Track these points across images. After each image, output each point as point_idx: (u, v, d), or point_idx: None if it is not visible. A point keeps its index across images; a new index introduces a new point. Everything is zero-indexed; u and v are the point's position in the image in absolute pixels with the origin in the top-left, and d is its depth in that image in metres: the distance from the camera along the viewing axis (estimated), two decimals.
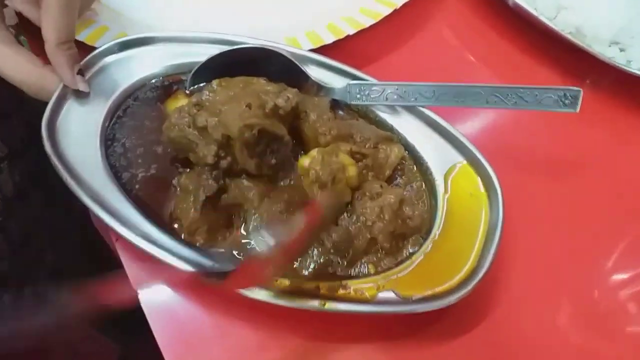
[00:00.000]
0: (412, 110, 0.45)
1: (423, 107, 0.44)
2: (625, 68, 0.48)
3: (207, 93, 0.41)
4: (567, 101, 0.42)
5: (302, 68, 0.45)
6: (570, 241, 0.45)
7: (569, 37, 0.47)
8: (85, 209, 0.39)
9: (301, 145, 0.44)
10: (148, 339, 0.38)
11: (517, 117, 0.50)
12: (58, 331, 0.38)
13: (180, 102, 0.44)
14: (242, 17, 0.53)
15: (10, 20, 0.48)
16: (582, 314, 0.42)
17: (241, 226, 0.40)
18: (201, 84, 0.45)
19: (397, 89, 0.44)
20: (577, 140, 0.50)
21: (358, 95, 0.45)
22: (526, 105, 0.43)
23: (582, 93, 0.42)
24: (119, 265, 0.41)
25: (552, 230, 0.46)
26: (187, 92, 0.45)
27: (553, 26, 0.48)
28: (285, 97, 0.41)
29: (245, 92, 0.40)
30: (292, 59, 0.44)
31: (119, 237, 0.38)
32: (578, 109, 0.42)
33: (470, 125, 0.50)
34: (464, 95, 0.43)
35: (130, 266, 0.41)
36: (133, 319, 0.39)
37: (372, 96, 0.45)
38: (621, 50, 0.50)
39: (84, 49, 0.47)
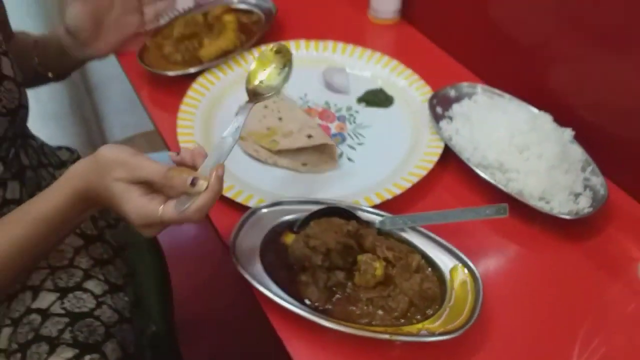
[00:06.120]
0: (423, 234, 0.80)
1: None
2: (550, 212, 0.84)
3: (310, 228, 0.77)
4: (501, 211, 0.78)
5: (357, 215, 0.81)
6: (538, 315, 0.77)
7: (518, 196, 0.84)
8: None
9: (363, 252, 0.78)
10: None
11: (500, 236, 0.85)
12: None
13: (289, 237, 0.80)
14: (329, 188, 0.92)
15: None
16: None
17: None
18: (301, 226, 0.80)
19: (408, 220, 0.80)
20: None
21: (389, 225, 0.80)
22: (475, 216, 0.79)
23: (508, 206, 0.78)
24: None
25: (520, 304, 0.77)
26: (295, 230, 0.81)
27: (510, 191, 0.85)
28: (352, 226, 0.77)
29: (330, 226, 0.77)
30: (352, 211, 0.81)
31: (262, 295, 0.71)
32: (507, 214, 0.77)
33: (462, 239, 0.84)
34: (435, 219, 0.80)
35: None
36: None
37: (396, 225, 0.80)
38: (547, 202, 0.86)
39: (241, 207, 0.85)
